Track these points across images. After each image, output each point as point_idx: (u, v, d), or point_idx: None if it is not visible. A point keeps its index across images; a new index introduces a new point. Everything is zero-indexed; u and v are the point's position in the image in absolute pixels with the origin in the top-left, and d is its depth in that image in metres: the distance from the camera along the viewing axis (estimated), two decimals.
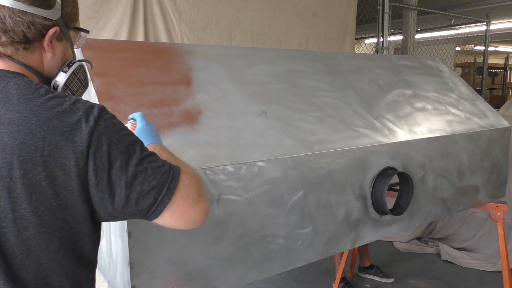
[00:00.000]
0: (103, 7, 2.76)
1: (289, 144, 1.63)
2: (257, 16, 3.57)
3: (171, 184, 0.92)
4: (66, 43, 1.02)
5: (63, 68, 1.02)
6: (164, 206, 0.92)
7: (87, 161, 0.86)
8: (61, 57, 1.02)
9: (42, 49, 0.97)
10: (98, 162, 0.87)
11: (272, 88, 1.84)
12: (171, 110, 1.48)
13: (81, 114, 0.88)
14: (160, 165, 0.94)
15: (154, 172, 0.92)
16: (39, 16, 0.93)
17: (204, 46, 2.06)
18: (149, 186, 0.90)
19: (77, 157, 0.86)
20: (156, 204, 0.91)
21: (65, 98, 0.90)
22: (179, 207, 0.93)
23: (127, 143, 0.91)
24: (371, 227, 1.93)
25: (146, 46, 1.78)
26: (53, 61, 1.00)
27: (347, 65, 2.29)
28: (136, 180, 0.89)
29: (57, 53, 1.00)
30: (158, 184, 0.91)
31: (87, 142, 0.86)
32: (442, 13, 5.44)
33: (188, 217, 0.95)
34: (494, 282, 3.59)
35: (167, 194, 0.92)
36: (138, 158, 0.91)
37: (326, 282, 3.66)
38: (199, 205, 0.96)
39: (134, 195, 0.90)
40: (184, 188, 0.94)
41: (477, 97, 2.81)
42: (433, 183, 2.21)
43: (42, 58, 0.98)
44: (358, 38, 7.30)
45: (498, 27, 9.95)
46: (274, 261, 1.59)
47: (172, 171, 0.94)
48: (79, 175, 0.86)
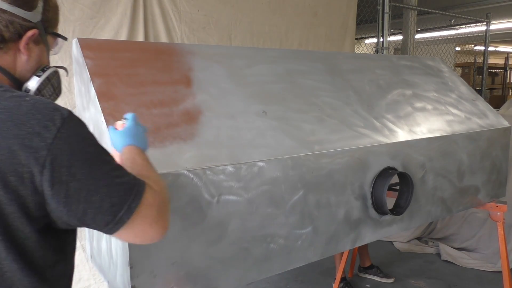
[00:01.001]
0: (103, 7, 2.76)
1: (289, 144, 1.63)
2: (257, 16, 3.57)
3: (132, 203, 0.88)
4: (43, 47, 1.00)
5: (37, 73, 0.99)
6: (122, 224, 0.87)
7: (43, 170, 0.80)
8: (36, 60, 0.99)
9: (17, 51, 0.95)
10: (56, 172, 0.81)
11: (272, 88, 1.84)
12: (171, 110, 1.47)
13: (41, 118, 0.82)
14: (124, 181, 0.88)
15: (117, 188, 0.86)
16: (19, 16, 0.91)
17: (204, 46, 2.06)
18: (110, 203, 0.85)
19: (32, 164, 0.80)
20: (114, 221, 0.86)
21: (24, 98, 0.85)
22: (138, 226, 0.89)
23: (91, 154, 0.86)
24: (371, 227, 1.93)
25: (146, 46, 1.78)
26: (27, 64, 0.97)
27: (347, 65, 2.29)
28: (96, 195, 0.84)
29: (33, 56, 0.97)
30: (119, 202, 0.86)
31: (46, 149, 0.80)
32: (442, 13, 5.44)
33: (145, 235, 0.92)
34: (494, 282, 3.59)
35: (127, 213, 0.87)
36: (101, 172, 0.86)
37: (326, 282, 3.66)
38: (158, 224, 0.92)
39: (92, 210, 0.84)
40: (145, 207, 0.89)
41: (477, 97, 2.81)
42: (433, 183, 2.21)
43: (15, 60, 0.95)
44: (358, 38, 7.30)
45: (498, 27, 9.95)
46: (274, 261, 1.59)
47: (136, 188, 0.89)
48: (32, 182, 0.81)
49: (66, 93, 2.58)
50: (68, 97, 2.59)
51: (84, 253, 2.67)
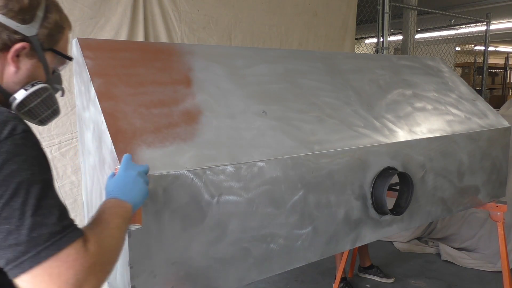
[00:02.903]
0: (103, 7, 2.76)
1: (289, 144, 1.63)
2: (257, 16, 3.57)
3: (43, 251, 0.75)
4: (37, 63, 0.97)
5: (25, 86, 0.96)
6: (21, 271, 0.74)
7: None
8: (26, 74, 0.96)
9: (5, 61, 0.93)
10: None
11: (272, 88, 1.84)
12: (171, 110, 1.47)
13: None
14: (46, 223, 0.76)
15: (32, 227, 0.75)
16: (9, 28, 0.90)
17: (204, 46, 2.06)
18: (16, 240, 0.74)
19: None
20: (14, 263, 0.74)
21: None
22: (41, 284, 0.74)
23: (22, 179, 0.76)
24: (371, 227, 1.93)
25: (146, 46, 1.78)
26: (15, 76, 0.94)
27: (347, 65, 2.29)
28: (6, 225, 0.74)
29: (23, 69, 0.95)
30: (26, 243, 0.74)
31: None
32: (442, 13, 5.45)
33: None
34: (494, 282, 3.59)
35: (31, 260, 0.74)
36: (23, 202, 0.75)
37: (326, 282, 3.66)
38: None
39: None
40: (60, 264, 0.75)
41: (477, 97, 2.81)
42: (433, 183, 2.21)
43: (3, 70, 0.93)
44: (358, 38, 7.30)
45: (498, 27, 9.96)
46: (274, 261, 1.59)
47: (59, 237, 0.77)
48: None
49: (66, 93, 2.57)
50: (68, 97, 2.60)
51: None
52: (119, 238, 0.92)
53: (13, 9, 0.90)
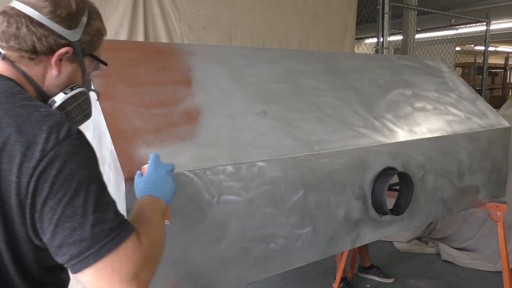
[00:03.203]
0: (103, 7, 2.76)
1: (289, 144, 1.63)
2: (257, 16, 3.57)
3: (105, 245, 0.79)
4: (77, 67, 1.00)
5: (65, 90, 0.99)
6: (85, 265, 0.79)
7: (29, 181, 0.78)
8: (67, 78, 0.99)
9: (48, 64, 0.95)
10: (39, 185, 0.78)
11: (272, 88, 1.84)
12: (171, 110, 1.47)
13: (46, 129, 0.81)
14: (106, 219, 0.81)
15: (95, 223, 0.80)
16: (55, 32, 0.92)
17: (204, 46, 2.07)
18: (80, 236, 0.78)
19: (21, 174, 0.78)
20: (79, 259, 0.79)
21: (38, 109, 0.85)
22: (105, 277, 0.79)
23: (82, 178, 0.81)
24: (371, 227, 1.93)
25: (146, 46, 1.78)
26: (56, 80, 0.97)
27: (347, 65, 2.29)
28: (69, 222, 0.78)
29: (64, 73, 0.97)
30: (90, 238, 0.79)
31: (37, 160, 0.78)
32: (442, 13, 5.45)
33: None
34: (494, 282, 3.59)
35: (95, 255, 0.79)
36: (84, 200, 0.80)
37: (326, 282, 3.66)
38: (130, 283, 0.80)
39: (60, 237, 0.79)
40: (120, 257, 0.80)
41: (477, 97, 2.81)
42: (433, 183, 2.21)
43: (45, 73, 0.96)
44: (358, 38, 7.29)
45: (498, 27, 9.95)
46: (274, 261, 1.59)
47: (117, 232, 0.82)
48: (18, 193, 0.79)
49: None
50: None
51: None
52: (162, 232, 0.96)
53: (61, 14, 0.93)
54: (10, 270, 0.84)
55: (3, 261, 0.83)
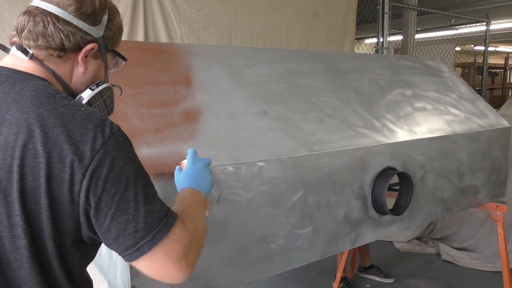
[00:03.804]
0: None
1: (289, 144, 1.63)
2: (257, 16, 3.57)
3: (157, 233, 0.87)
4: (101, 63, 1.02)
5: (91, 86, 1.01)
6: (141, 253, 0.86)
7: (83, 179, 0.82)
8: (92, 75, 1.01)
9: (75, 62, 0.97)
10: (93, 183, 0.82)
11: (272, 88, 1.84)
12: (171, 110, 1.48)
13: (91, 128, 0.85)
14: (155, 209, 0.88)
15: (145, 215, 0.86)
16: (81, 29, 0.94)
17: (204, 46, 2.06)
18: (134, 228, 0.85)
19: (74, 172, 0.82)
20: (135, 248, 0.86)
21: (80, 108, 0.87)
22: (159, 261, 0.87)
23: (130, 173, 0.87)
24: (371, 227, 1.93)
25: (146, 46, 1.78)
26: (83, 76, 0.99)
27: (347, 65, 2.29)
28: (124, 215, 0.84)
29: (90, 69, 0.99)
30: (144, 229, 0.86)
31: (89, 159, 0.82)
32: (442, 13, 5.44)
33: (166, 273, 0.89)
34: (494, 282, 3.59)
35: (149, 242, 0.86)
36: (134, 194, 0.86)
37: (326, 282, 3.66)
38: (181, 264, 0.89)
39: (116, 230, 0.85)
40: (171, 242, 0.88)
41: (477, 97, 2.81)
42: (433, 183, 2.21)
43: (72, 70, 0.97)
44: (358, 38, 7.30)
45: (498, 27, 9.95)
46: (274, 261, 1.59)
47: (166, 220, 0.89)
48: (71, 190, 0.83)
49: None
50: None
51: None
52: (203, 218, 1.04)
53: (86, 12, 0.94)
54: (54, 267, 0.87)
55: (49, 258, 0.86)
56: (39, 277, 0.85)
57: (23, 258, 0.84)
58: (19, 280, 0.85)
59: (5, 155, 0.81)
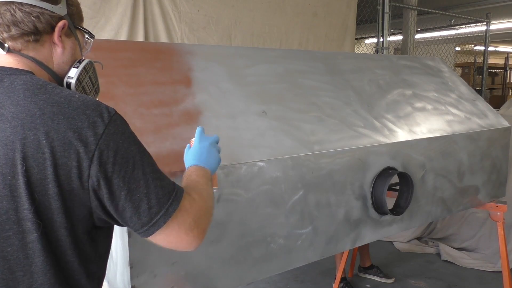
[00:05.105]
0: (103, 7, 2.76)
1: (289, 144, 1.63)
2: (257, 16, 3.57)
3: (170, 207, 0.90)
4: (74, 41, 1.03)
5: (74, 65, 1.01)
6: (157, 228, 0.89)
7: (91, 165, 0.83)
8: (71, 53, 1.01)
9: (52, 44, 0.97)
10: (101, 167, 0.84)
11: (272, 88, 1.84)
12: (171, 110, 1.48)
13: (90, 113, 0.85)
14: (164, 184, 0.92)
15: (157, 190, 0.89)
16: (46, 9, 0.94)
17: (204, 46, 2.06)
18: (147, 205, 0.88)
19: (80, 158, 0.82)
20: (151, 224, 0.89)
21: (74, 95, 0.88)
22: (173, 232, 0.92)
23: (135, 153, 0.89)
24: (371, 227, 1.93)
25: (146, 46, 1.78)
26: (63, 56, 0.99)
27: (347, 65, 2.29)
28: (136, 194, 0.87)
29: (67, 48, 1.00)
30: (157, 204, 0.89)
31: (94, 144, 0.83)
32: (442, 13, 5.44)
33: (181, 242, 0.94)
34: (494, 282, 3.59)
35: (164, 217, 0.89)
36: (142, 172, 0.88)
37: (326, 282, 3.66)
38: (193, 232, 0.94)
39: (130, 209, 0.87)
40: (183, 213, 0.92)
41: (477, 97, 2.81)
42: (433, 183, 2.21)
43: (51, 53, 0.98)
44: (358, 38, 7.30)
45: (498, 27, 9.95)
46: (274, 261, 1.59)
47: (174, 193, 0.93)
48: (80, 176, 0.83)
49: None
50: None
51: None
52: (209, 191, 1.07)
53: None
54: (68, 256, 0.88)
55: (62, 249, 0.87)
56: (52, 270, 0.85)
57: (34, 253, 0.84)
58: (30, 278, 0.84)
59: (6, 149, 0.81)
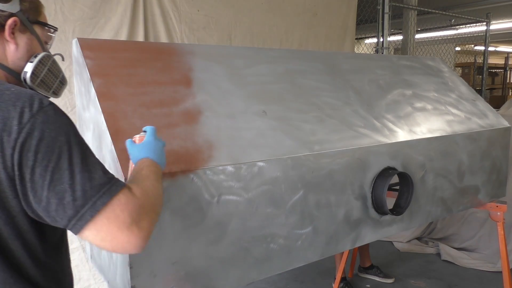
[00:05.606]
0: (103, 7, 2.76)
1: (289, 144, 1.63)
2: (257, 16, 3.57)
3: (98, 200, 0.85)
4: (30, 36, 1.05)
5: (30, 59, 1.04)
6: (84, 222, 0.84)
7: (13, 153, 0.82)
8: (26, 49, 1.03)
9: (4, 41, 1.00)
10: (24, 155, 0.82)
11: (272, 88, 1.84)
12: (171, 110, 1.47)
13: (19, 104, 0.85)
14: (94, 177, 0.86)
15: (83, 182, 0.84)
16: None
17: (204, 46, 2.06)
18: (72, 196, 0.83)
19: (4, 148, 0.82)
20: (76, 217, 0.84)
21: (9, 89, 0.88)
22: (104, 228, 0.85)
23: (62, 143, 0.85)
24: (371, 227, 1.93)
25: (146, 46, 1.78)
26: (17, 52, 1.02)
27: (347, 65, 2.29)
28: (60, 185, 0.83)
29: (21, 44, 1.02)
30: (82, 197, 0.84)
31: (16, 132, 0.82)
32: (442, 13, 5.44)
33: (116, 241, 0.86)
34: (494, 282, 3.59)
35: (90, 210, 0.84)
36: (69, 163, 0.85)
37: (326, 282, 3.66)
38: (130, 230, 0.86)
39: (55, 201, 0.83)
40: (115, 208, 0.85)
41: (477, 97, 2.81)
42: (433, 183, 2.21)
43: (5, 50, 1.00)
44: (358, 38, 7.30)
45: (498, 27, 9.96)
46: (274, 261, 1.59)
47: (108, 187, 0.87)
48: (5, 167, 0.82)
49: (66, 93, 2.58)
50: (68, 97, 2.60)
51: (84, 253, 2.67)
52: (159, 188, 1.01)
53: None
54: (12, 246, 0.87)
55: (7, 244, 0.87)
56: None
57: None
58: None
59: None
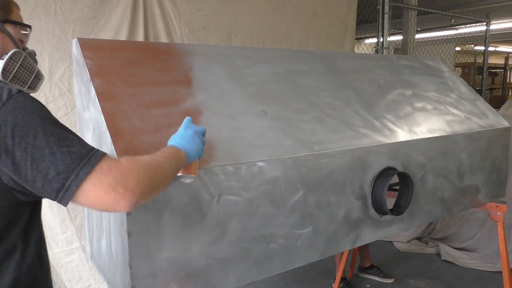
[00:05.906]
0: (103, 7, 2.76)
1: (289, 144, 1.63)
2: (257, 16, 3.57)
3: (81, 171, 0.90)
4: (2, 35, 1.09)
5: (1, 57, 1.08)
6: (71, 192, 0.90)
7: None
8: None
9: None
10: (1, 142, 0.88)
11: (272, 88, 1.84)
12: (171, 110, 1.47)
13: None
14: (73, 150, 0.92)
15: (63, 157, 0.90)
16: None
17: (204, 46, 2.06)
18: (55, 171, 0.89)
19: None
20: (63, 190, 0.90)
21: None
22: (92, 193, 0.91)
23: (36, 125, 0.91)
24: (371, 227, 1.93)
25: (146, 46, 1.78)
26: None
27: (347, 65, 2.29)
28: (42, 163, 0.89)
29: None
30: (65, 170, 0.89)
31: None
32: (442, 13, 5.45)
33: (105, 202, 0.91)
34: (494, 282, 3.60)
35: (75, 181, 0.90)
36: (46, 141, 0.90)
37: (326, 282, 3.66)
38: (116, 191, 0.91)
39: (40, 178, 0.89)
40: (98, 175, 0.91)
41: (477, 97, 2.81)
42: (433, 183, 2.21)
43: None
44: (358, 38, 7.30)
45: (498, 27, 9.96)
46: (274, 261, 1.59)
47: (88, 158, 0.92)
48: None
49: (66, 93, 2.58)
50: (68, 97, 2.60)
51: (84, 253, 2.67)
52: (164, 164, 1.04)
53: None
54: None
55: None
56: None
57: None
58: None
59: None
